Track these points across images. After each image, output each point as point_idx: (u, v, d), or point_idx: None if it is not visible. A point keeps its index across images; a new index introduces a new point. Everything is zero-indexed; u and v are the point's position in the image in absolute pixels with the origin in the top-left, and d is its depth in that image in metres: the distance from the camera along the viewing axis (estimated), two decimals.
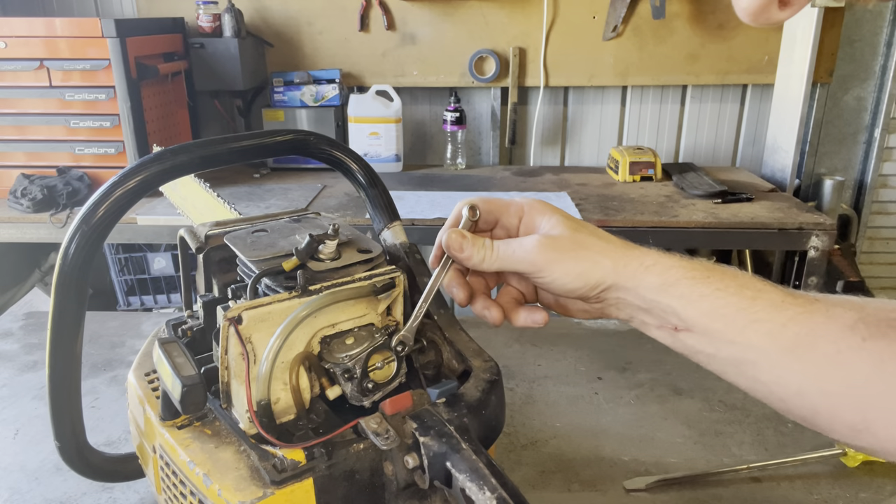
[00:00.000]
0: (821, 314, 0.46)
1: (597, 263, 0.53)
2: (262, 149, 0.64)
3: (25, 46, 2.05)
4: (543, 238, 0.55)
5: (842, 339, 0.44)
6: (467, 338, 0.62)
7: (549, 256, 0.54)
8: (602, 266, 0.53)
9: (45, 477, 0.81)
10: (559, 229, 0.55)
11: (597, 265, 0.53)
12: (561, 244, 0.54)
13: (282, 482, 0.47)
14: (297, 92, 2.54)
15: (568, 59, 2.64)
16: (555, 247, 0.54)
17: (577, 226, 0.56)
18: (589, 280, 0.53)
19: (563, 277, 0.53)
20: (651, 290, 0.51)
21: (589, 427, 0.91)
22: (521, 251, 0.55)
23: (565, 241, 0.54)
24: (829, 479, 0.80)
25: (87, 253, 0.52)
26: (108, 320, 1.25)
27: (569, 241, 0.54)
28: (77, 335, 0.55)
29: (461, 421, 0.52)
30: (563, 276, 0.53)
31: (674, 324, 0.51)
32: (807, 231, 1.98)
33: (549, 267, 0.53)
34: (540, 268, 0.54)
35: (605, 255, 0.53)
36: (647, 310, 0.53)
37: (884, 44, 2.59)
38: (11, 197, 2.09)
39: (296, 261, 0.57)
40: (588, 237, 0.55)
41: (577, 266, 0.53)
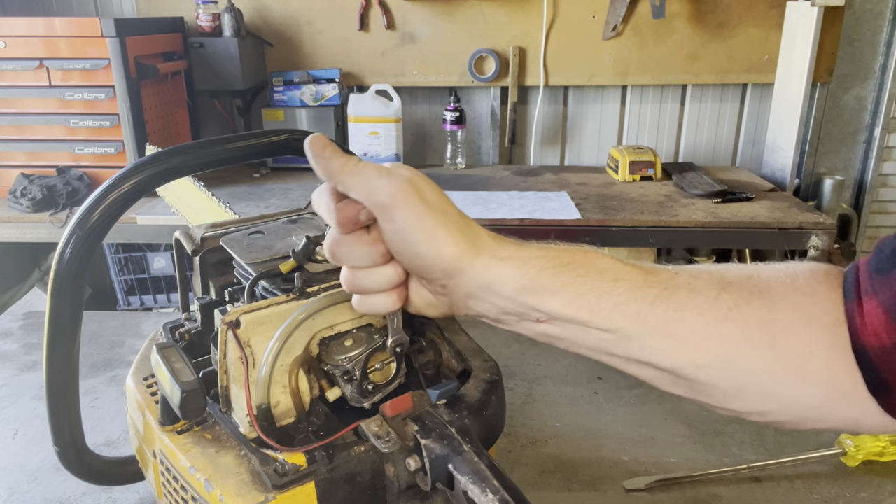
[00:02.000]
0: (684, 288, 0.45)
1: (451, 236, 0.46)
2: (258, 150, 0.64)
3: (25, 46, 2.05)
4: (415, 179, 0.47)
5: (708, 310, 0.45)
6: (467, 338, 0.62)
7: (407, 197, 0.46)
8: (455, 242, 0.46)
9: (45, 477, 0.81)
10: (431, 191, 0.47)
11: (450, 237, 0.46)
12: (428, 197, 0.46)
13: (283, 486, 0.47)
14: (296, 91, 2.54)
15: (568, 58, 2.63)
16: (419, 194, 0.46)
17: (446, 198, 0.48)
18: (440, 251, 0.46)
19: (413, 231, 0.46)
20: (507, 287, 0.47)
21: (589, 427, 0.91)
22: (381, 178, 0.46)
23: (433, 198, 0.47)
24: (829, 479, 0.80)
25: (83, 257, 0.52)
26: (107, 320, 1.25)
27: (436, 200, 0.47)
28: (74, 339, 0.55)
29: (462, 422, 0.52)
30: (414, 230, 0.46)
31: (535, 317, 0.48)
32: (807, 230, 1.98)
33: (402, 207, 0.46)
34: (392, 203, 0.46)
35: (459, 230, 0.47)
36: (504, 307, 0.48)
37: (884, 43, 2.58)
38: (11, 197, 2.08)
39: (293, 263, 0.56)
40: (452, 208, 0.48)
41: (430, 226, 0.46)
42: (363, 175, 0.46)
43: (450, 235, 0.46)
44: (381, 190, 0.46)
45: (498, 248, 0.47)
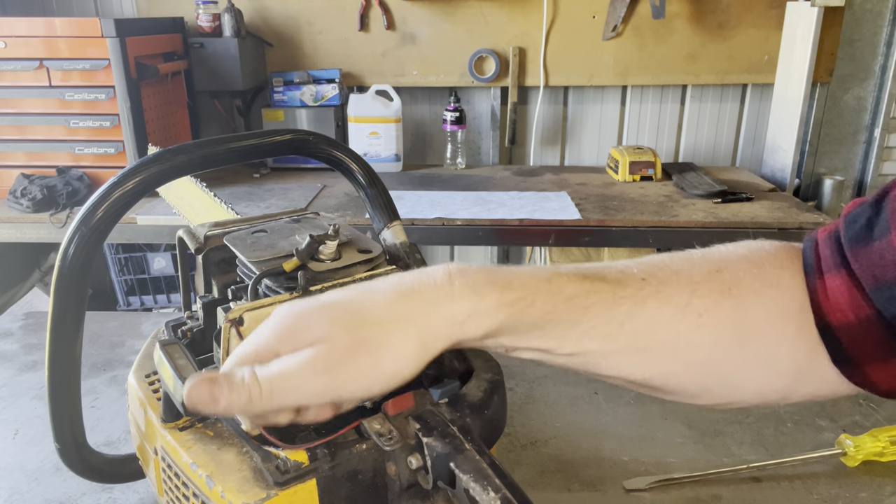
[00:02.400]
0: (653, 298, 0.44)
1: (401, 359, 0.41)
2: (261, 149, 0.64)
3: (25, 46, 2.05)
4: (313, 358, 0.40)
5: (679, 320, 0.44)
6: None
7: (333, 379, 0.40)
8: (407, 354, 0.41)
9: (45, 477, 0.81)
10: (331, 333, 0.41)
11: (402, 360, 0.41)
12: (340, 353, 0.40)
13: (285, 483, 0.47)
14: (296, 92, 2.54)
15: (568, 58, 2.64)
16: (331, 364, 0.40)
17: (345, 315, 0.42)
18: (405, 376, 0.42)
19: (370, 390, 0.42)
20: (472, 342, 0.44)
21: (589, 427, 0.91)
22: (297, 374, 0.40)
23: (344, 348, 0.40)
24: (829, 479, 0.80)
25: (87, 254, 0.52)
26: (108, 320, 1.25)
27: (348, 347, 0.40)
28: (76, 337, 0.55)
29: (464, 421, 0.52)
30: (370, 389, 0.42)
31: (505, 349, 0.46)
32: (807, 231, 1.98)
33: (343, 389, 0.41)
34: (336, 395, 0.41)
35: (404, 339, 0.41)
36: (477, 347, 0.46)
37: (884, 43, 2.59)
38: (11, 197, 2.08)
39: (296, 261, 0.57)
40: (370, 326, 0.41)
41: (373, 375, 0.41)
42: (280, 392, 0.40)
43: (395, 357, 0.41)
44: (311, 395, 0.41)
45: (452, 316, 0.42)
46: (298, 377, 0.40)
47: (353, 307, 0.42)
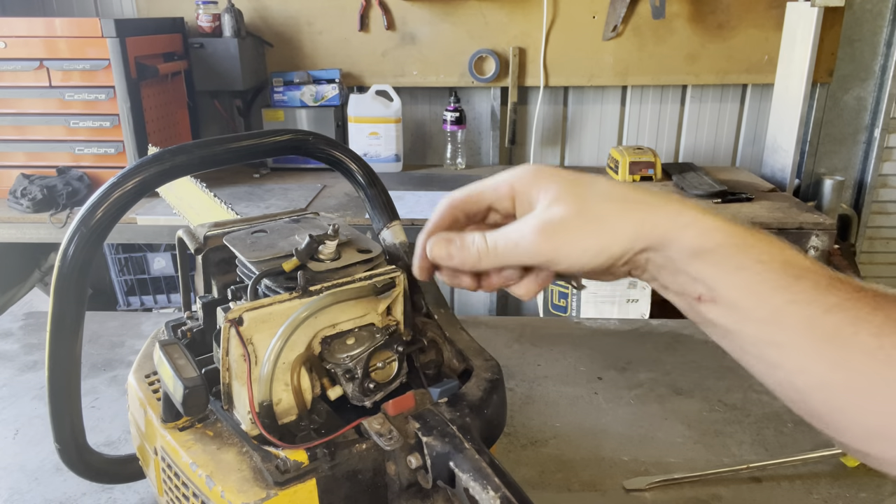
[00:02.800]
0: (868, 303, 0.40)
1: (616, 233, 0.45)
2: (260, 149, 0.64)
3: (25, 46, 2.05)
4: (545, 224, 0.46)
5: (887, 333, 0.39)
6: (468, 337, 0.62)
7: (555, 243, 0.45)
8: (623, 234, 0.45)
9: (45, 477, 0.81)
10: (561, 203, 0.46)
11: (617, 235, 0.45)
12: (566, 223, 0.45)
13: (285, 483, 0.47)
14: (296, 92, 2.54)
15: (568, 58, 2.64)
16: (559, 229, 0.45)
17: (581, 191, 0.46)
18: (611, 255, 0.45)
19: (580, 260, 0.45)
20: (683, 254, 0.44)
21: (589, 427, 0.91)
22: (524, 243, 0.46)
23: (571, 219, 0.45)
24: (829, 479, 0.80)
25: (86, 254, 0.52)
26: (108, 320, 1.25)
27: (575, 216, 0.45)
28: (77, 337, 0.55)
29: (463, 421, 0.52)
30: (580, 259, 0.45)
31: (699, 293, 0.45)
32: (807, 231, 1.98)
33: (558, 254, 0.45)
34: (549, 257, 0.46)
35: (625, 221, 0.45)
36: (673, 272, 0.45)
37: (884, 43, 2.59)
38: (11, 197, 2.08)
39: (296, 261, 0.57)
40: (600, 203, 0.45)
41: (592, 244, 0.45)
42: (502, 256, 0.47)
43: (613, 237, 0.45)
44: (525, 257, 0.46)
45: (677, 215, 0.44)
46: (522, 239, 0.46)
47: (586, 181, 0.46)
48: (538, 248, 0.46)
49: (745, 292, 0.43)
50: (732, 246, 0.43)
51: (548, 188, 0.47)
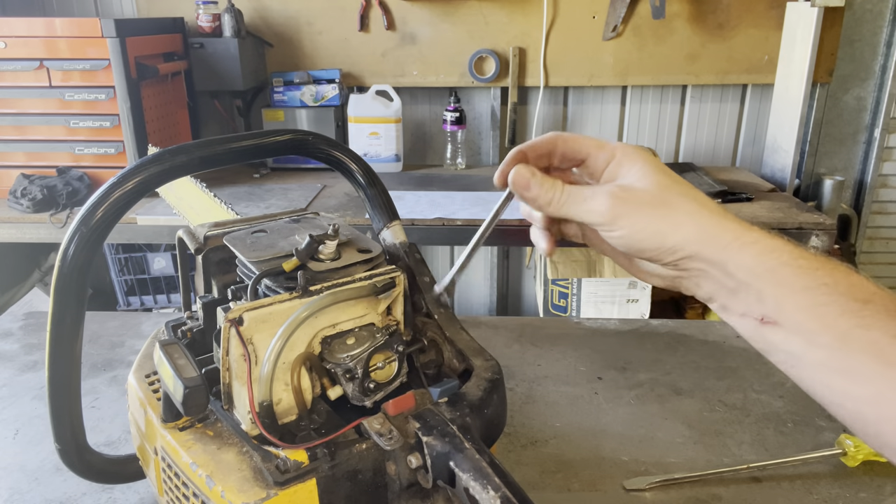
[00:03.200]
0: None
1: (678, 226, 0.46)
2: (260, 149, 0.64)
3: (25, 46, 2.05)
4: (619, 188, 0.48)
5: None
6: (468, 337, 0.62)
7: (620, 210, 0.47)
8: (684, 230, 0.46)
9: (45, 477, 0.81)
10: (645, 181, 0.48)
11: (678, 228, 0.46)
12: (639, 197, 0.47)
13: (285, 483, 0.47)
14: (296, 92, 2.54)
15: (568, 58, 2.64)
16: (631, 199, 0.47)
17: (668, 182, 0.48)
18: (665, 242, 0.46)
19: (635, 234, 0.47)
20: (743, 270, 0.44)
21: (589, 427, 0.91)
22: (592, 199, 0.48)
23: (645, 195, 0.47)
24: (829, 479, 0.80)
25: (87, 254, 0.52)
26: (108, 320, 1.25)
27: (650, 196, 0.47)
28: (77, 337, 0.55)
29: (464, 420, 0.52)
30: (636, 234, 0.47)
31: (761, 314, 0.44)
32: (807, 231, 1.98)
33: (618, 221, 0.47)
34: (609, 220, 0.47)
35: (691, 219, 0.46)
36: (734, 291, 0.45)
37: (884, 44, 2.59)
38: (11, 197, 2.08)
39: (296, 261, 0.57)
40: (677, 196, 0.47)
41: (652, 224, 0.46)
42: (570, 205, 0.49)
43: (674, 227, 0.46)
44: (589, 214, 0.48)
45: (743, 232, 0.45)
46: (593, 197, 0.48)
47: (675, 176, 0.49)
48: (603, 208, 0.47)
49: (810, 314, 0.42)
50: (797, 267, 0.43)
51: (641, 166, 0.48)
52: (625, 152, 0.50)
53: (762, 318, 0.44)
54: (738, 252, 0.45)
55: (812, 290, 0.42)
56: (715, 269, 0.46)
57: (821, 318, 0.42)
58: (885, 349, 0.39)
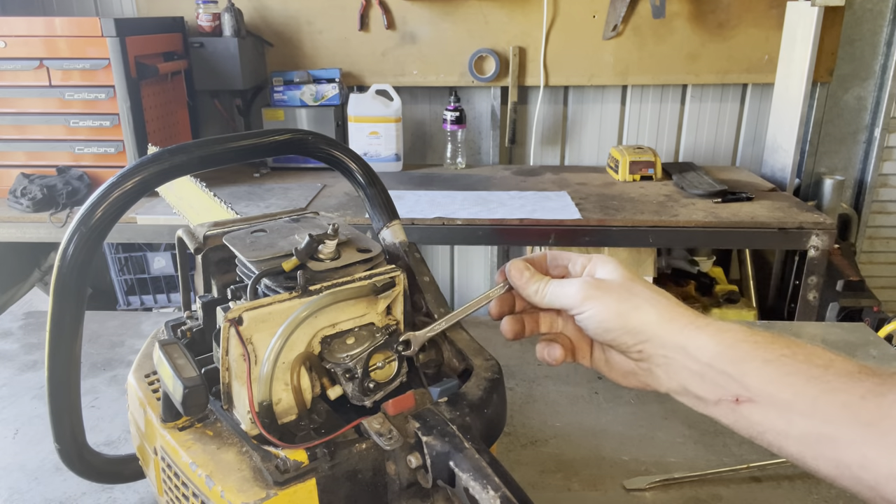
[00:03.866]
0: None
1: (638, 308, 0.51)
2: (260, 148, 0.64)
3: (25, 46, 2.05)
4: (590, 278, 0.56)
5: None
6: (468, 337, 0.62)
7: (588, 293, 0.54)
8: (644, 314, 0.51)
9: (45, 477, 0.81)
10: (613, 275, 0.55)
11: (638, 310, 0.51)
12: (606, 285, 0.54)
13: (284, 483, 0.47)
14: (296, 91, 2.54)
15: (568, 58, 2.63)
16: (598, 286, 0.54)
17: (633, 277, 0.55)
18: (627, 323, 0.51)
19: (600, 314, 0.53)
20: (703, 352, 0.47)
21: (589, 427, 0.91)
22: (568, 286, 0.55)
23: (612, 284, 0.54)
24: None
25: (86, 254, 0.52)
26: (107, 320, 1.25)
27: (616, 285, 0.54)
28: (76, 337, 0.55)
29: (463, 420, 0.52)
30: (601, 314, 0.53)
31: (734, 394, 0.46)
32: (807, 230, 1.98)
33: (587, 303, 0.53)
34: (578, 302, 0.54)
35: (650, 304, 0.52)
36: (700, 375, 0.48)
37: (884, 43, 2.59)
38: (11, 196, 2.08)
39: (296, 261, 0.57)
40: (639, 286, 0.53)
41: (615, 306, 0.52)
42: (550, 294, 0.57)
43: (635, 309, 0.52)
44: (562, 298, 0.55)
45: (696, 318, 0.50)
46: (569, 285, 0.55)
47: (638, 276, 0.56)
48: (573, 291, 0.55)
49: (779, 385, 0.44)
50: (753, 343, 0.46)
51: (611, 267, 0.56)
52: (600, 257, 0.58)
53: (736, 398, 0.46)
54: (695, 334, 0.48)
55: (773, 363, 0.44)
56: (677, 354, 0.49)
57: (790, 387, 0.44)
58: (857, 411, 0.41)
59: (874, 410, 0.41)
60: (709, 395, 0.48)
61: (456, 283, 2.99)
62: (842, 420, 0.42)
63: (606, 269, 0.56)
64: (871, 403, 0.41)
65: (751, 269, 2.61)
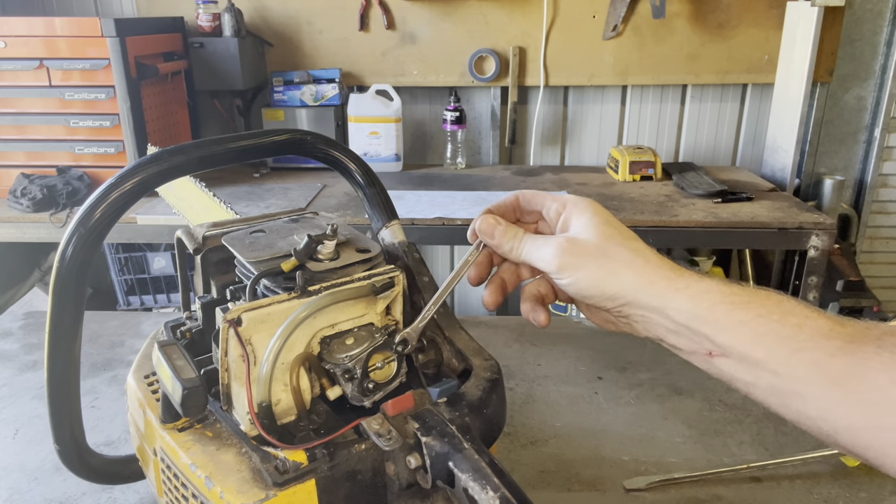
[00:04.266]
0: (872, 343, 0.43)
1: (616, 275, 0.51)
2: (259, 149, 0.64)
3: (25, 46, 2.05)
4: (567, 241, 0.53)
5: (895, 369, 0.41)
6: (467, 337, 0.62)
7: (566, 260, 0.52)
8: (622, 279, 0.51)
9: (45, 477, 0.81)
10: (589, 233, 0.53)
11: (615, 276, 0.51)
12: (583, 249, 0.52)
13: (284, 483, 0.47)
14: (296, 91, 2.54)
15: (568, 58, 2.63)
16: (575, 251, 0.52)
17: (611, 232, 0.53)
18: (605, 290, 0.51)
19: (579, 282, 0.52)
20: (681, 314, 0.48)
21: (589, 427, 0.91)
22: (544, 248, 0.54)
23: (589, 247, 0.52)
24: (829, 478, 0.80)
25: (85, 255, 0.52)
26: (107, 320, 1.25)
27: (593, 248, 0.52)
28: (75, 338, 0.55)
29: (463, 420, 0.52)
30: (579, 282, 0.52)
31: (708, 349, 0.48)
32: (807, 230, 1.98)
33: (564, 270, 0.52)
34: (556, 269, 0.53)
35: (629, 269, 0.51)
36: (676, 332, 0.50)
37: (884, 43, 2.58)
38: (11, 197, 2.08)
39: (295, 261, 0.57)
40: (616, 247, 0.52)
41: (593, 273, 0.51)
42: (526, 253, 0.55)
43: (612, 275, 0.51)
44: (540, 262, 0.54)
45: (675, 279, 0.49)
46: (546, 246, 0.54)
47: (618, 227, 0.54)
48: (550, 257, 0.53)
49: (751, 346, 0.46)
50: (730, 304, 0.47)
51: (586, 218, 0.54)
52: (574, 203, 0.55)
53: (710, 352, 0.48)
54: (673, 297, 0.48)
55: (748, 323, 0.46)
56: (654, 315, 0.50)
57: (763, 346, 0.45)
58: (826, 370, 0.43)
59: (843, 369, 0.42)
60: (684, 347, 0.50)
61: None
62: (810, 379, 0.44)
63: (582, 222, 0.53)
64: (839, 362, 0.43)
65: (751, 270, 2.61)
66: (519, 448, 0.87)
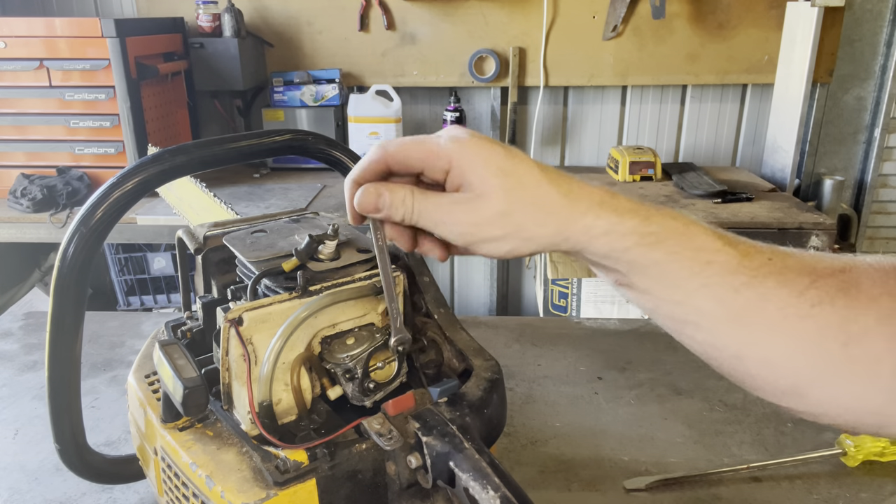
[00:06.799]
0: (773, 278, 0.44)
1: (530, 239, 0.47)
2: (260, 149, 0.64)
3: (25, 46, 2.05)
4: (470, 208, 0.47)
5: (790, 305, 0.44)
6: (468, 337, 0.62)
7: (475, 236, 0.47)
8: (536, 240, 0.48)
9: (45, 477, 0.81)
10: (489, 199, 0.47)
11: (530, 241, 0.48)
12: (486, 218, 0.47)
13: (285, 483, 0.47)
14: (296, 92, 2.54)
15: (568, 58, 2.64)
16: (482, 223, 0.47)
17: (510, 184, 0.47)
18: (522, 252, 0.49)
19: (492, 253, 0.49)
20: (598, 256, 0.48)
21: (589, 427, 0.91)
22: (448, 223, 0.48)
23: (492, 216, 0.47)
24: (829, 479, 0.80)
25: (86, 255, 0.52)
26: (108, 320, 1.25)
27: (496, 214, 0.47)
28: (76, 337, 0.55)
29: (463, 420, 0.52)
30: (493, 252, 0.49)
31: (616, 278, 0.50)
32: (807, 231, 1.98)
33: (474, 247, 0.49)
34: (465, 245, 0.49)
35: (539, 226, 0.47)
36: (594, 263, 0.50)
37: (884, 43, 2.59)
38: (11, 197, 2.08)
39: (296, 261, 0.57)
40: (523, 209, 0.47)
41: (505, 244, 0.48)
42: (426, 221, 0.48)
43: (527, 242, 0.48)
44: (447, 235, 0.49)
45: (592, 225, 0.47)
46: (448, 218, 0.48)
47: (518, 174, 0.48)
48: (459, 233, 0.48)
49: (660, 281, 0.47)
50: (646, 245, 0.47)
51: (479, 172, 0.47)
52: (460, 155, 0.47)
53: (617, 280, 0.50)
54: (590, 244, 0.48)
55: (660, 263, 0.47)
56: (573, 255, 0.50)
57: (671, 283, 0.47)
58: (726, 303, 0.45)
59: (743, 304, 0.45)
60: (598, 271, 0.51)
61: (456, 283, 2.99)
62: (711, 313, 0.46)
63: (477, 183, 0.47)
64: (741, 297, 0.45)
65: None
66: (519, 448, 0.87)
